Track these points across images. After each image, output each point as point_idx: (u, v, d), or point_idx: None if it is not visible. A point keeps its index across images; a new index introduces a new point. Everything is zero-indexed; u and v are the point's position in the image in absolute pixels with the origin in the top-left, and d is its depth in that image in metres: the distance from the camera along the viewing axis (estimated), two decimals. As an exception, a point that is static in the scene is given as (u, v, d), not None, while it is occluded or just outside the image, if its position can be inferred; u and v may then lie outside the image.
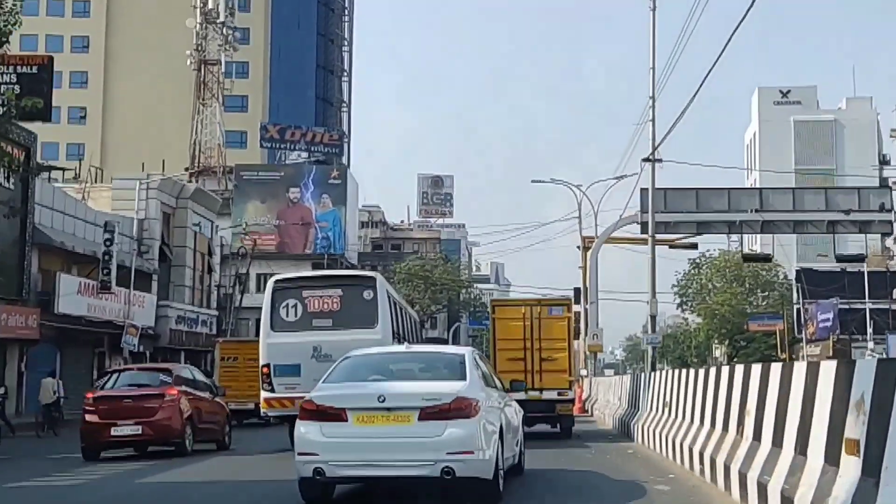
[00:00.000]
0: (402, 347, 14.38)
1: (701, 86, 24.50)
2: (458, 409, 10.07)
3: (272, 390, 18.44)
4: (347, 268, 64.14)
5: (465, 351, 11.93)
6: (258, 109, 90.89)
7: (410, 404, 10.10)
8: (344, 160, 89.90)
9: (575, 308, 48.52)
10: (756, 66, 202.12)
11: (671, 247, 50.26)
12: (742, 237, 44.14)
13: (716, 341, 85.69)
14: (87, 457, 18.25)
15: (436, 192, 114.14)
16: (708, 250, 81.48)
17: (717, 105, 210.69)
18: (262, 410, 19.26)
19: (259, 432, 26.52)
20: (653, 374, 20.00)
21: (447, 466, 9.91)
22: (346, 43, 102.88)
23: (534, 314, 22.27)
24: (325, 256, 70.59)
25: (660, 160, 29.16)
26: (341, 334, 17.94)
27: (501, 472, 10.91)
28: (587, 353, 44.67)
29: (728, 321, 77.14)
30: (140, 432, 17.98)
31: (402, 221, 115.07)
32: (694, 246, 51.20)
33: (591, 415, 34.81)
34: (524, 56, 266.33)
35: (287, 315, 18.77)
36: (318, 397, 10.40)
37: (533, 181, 61.20)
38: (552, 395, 21.10)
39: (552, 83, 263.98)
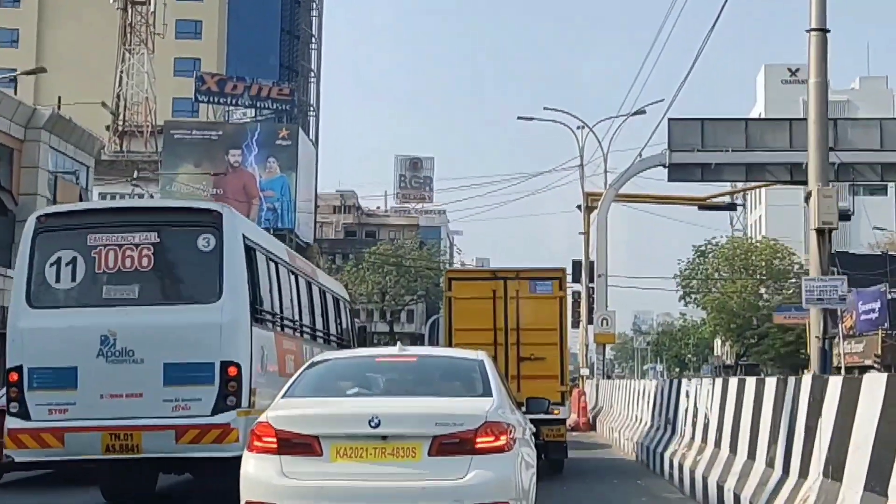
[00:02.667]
0: (395, 349, 8.71)
1: None
2: (488, 440, 6.74)
3: (25, 415, 10.04)
4: (298, 249, 48.00)
5: (482, 356, 8.24)
6: (212, 74, 76.63)
7: (418, 431, 6.75)
8: (311, 134, 76.31)
9: (573, 288, 34.91)
10: (762, 41, 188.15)
11: (701, 206, 36.09)
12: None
13: (721, 337, 74.76)
14: None
15: (414, 176, 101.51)
16: (714, 237, 70.67)
17: (719, 83, 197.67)
18: (4, 449, 10.73)
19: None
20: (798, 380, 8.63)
21: None
22: (315, 6, 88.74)
23: (509, 292, 15.67)
24: (271, 232, 55.82)
25: None
26: (154, 313, 9.98)
27: None
28: (595, 344, 30.55)
29: (738, 315, 66.12)
30: None
31: (378, 208, 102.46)
32: (732, 206, 36.79)
33: (595, 428, 25.56)
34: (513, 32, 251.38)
35: (58, 279, 10.22)
36: (278, 419, 6.86)
37: (519, 118, 48.88)
38: (536, 413, 12.46)
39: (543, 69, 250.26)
